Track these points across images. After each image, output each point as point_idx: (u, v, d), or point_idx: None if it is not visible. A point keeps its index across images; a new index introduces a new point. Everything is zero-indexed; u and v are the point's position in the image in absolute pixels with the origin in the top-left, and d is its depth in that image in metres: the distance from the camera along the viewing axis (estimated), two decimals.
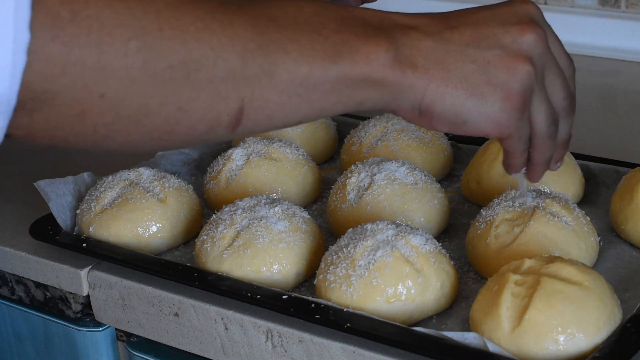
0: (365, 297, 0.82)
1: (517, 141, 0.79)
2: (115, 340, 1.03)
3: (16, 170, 1.23)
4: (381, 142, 1.09)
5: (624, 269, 0.91)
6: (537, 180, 0.85)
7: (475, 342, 0.76)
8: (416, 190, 0.97)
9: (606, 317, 0.77)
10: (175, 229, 0.99)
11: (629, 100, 1.42)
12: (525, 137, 0.80)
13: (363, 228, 0.87)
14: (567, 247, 0.88)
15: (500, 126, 0.77)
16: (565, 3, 1.59)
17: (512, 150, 0.81)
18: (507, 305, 0.77)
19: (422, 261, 0.84)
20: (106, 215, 0.98)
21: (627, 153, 1.14)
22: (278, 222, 0.91)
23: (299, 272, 0.90)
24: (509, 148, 0.80)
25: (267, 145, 1.07)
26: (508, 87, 0.75)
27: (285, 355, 0.86)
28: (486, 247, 0.89)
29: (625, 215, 0.94)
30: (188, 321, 0.91)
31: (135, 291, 0.94)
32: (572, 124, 0.83)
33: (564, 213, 0.90)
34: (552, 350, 0.75)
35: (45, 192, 1.01)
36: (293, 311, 0.84)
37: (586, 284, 0.78)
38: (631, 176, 0.97)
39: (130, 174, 1.02)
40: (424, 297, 0.83)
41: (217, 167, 1.07)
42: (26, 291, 1.04)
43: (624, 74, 1.51)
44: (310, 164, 1.08)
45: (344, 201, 0.98)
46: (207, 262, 0.91)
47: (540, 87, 0.79)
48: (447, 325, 0.84)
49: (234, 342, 0.89)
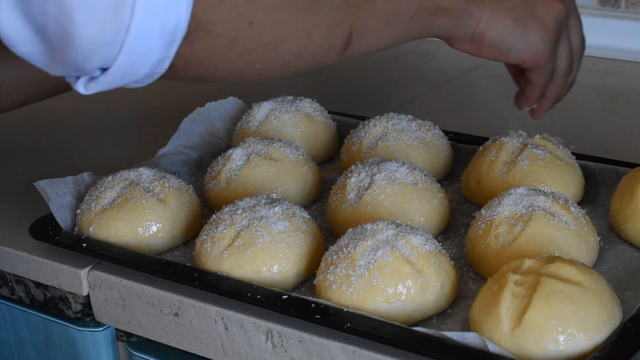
0: (365, 297, 0.82)
1: (544, 73, 0.94)
2: (115, 340, 1.03)
3: (16, 170, 1.23)
4: (381, 142, 1.09)
5: (624, 269, 0.91)
6: (540, 117, 1.00)
7: (475, 342, 0.76)
8: (416, 190, 0.97)
9: (606, 317, 0.77)
10: (175, 229, 0.99)
11: (629, 100, 1.42)
12: (550, 71, 0.94)
13: (363, 228, 0.87)
14: (567, 247, 0.88)
15: (537, 55, 0.91)
16: None
17: (537, 82, 0.95)
18: (507, 305, 0.77)
19: (422, 261, 0.84)
20: (106, 215, 0.98)
21: (627, 153, 1.15)
22: (278, 222, 0.91)
23: (299, 272, 0.90)
24: (535, 79, 0.95)
25: (267, 145, 1.07)
26: (546, 21, 0.90)
27: (285, 355, 0.86)
28: (486, 247, 0.89)
29: (625, 215, 0.95)
30: (188, 321, 0.91)
31: (135, 291, 0.94)
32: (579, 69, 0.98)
33: (564, 213, 0.90)
34: (552, 350, 0.75)
35: (45, 192, 1.01)
36: (293, 311, 0.84)
37: (586, 284, 0.78)
38: (631, 176, 0.97)
39: (130, 174, 1.02)
40: (424, 297, 0.83)
41: (217, 167, 1.07)
42: (26, 291, 1.04)
43: (624, 74, 1.51)
44: (310, 164, 1.08)
45: (344, 201, 0.98)
46: (207, 262, 0.91)
47: (566, 27, 0.93)
48: (447, 325, 0.84)
49: (234, 342, 0.89)
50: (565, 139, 1.07)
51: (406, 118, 1.12)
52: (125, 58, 0.69)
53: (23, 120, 1.38)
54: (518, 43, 0.90)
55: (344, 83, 1.52)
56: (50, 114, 1.40)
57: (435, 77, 1.53)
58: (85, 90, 0.73)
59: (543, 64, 0.93)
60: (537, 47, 0.91)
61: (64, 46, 0.68)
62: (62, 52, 0.69)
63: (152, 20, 0.67)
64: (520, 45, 0.90)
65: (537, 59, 0.92)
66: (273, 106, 1.19)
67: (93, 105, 1.42)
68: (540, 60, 0.92)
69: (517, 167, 1.01)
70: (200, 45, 0.71)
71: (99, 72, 0.71)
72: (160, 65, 0.71)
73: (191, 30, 0.69)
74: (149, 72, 0.71)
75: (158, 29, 0.68)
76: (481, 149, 1.06)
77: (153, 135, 1.30)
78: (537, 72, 0.94)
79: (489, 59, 0.92)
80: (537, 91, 0.97)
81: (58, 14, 0.66)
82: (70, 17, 0.66)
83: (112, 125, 1.39)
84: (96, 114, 1.40)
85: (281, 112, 1.17)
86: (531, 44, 0.91)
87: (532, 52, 0.91)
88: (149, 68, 0.71)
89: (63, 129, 1.38)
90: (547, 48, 0.92)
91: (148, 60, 0.70)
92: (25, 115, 1.37)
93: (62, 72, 0.72)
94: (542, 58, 0.92)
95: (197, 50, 0.71)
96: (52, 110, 1.41)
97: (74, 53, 0.68)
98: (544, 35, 0.91)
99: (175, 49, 0.70)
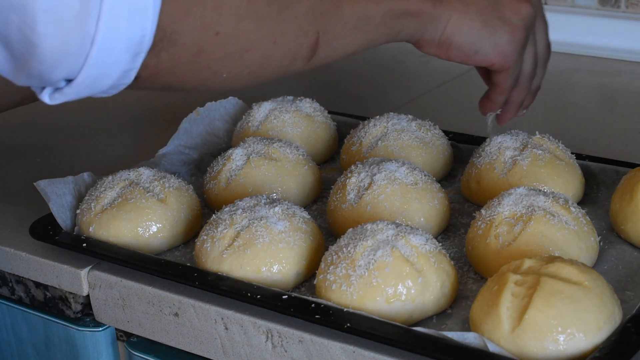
0: (365, 297, 0.82)
1: (511, 75, 0.93)
2: (115, 340, 1.03)
3: (16, 170, 1.23)
4: (381, 142, 1.09)
5: (624, 269, 0.91)
6: (505, 123, 1.01)
7: (475, 342, 0.76)
8: (416, 190, 0.97)
9: (606, 317, 0.77)
10: (175, 229, 0.99)
11: (629, 100, 1.42)
12: (517, 74, 0.94)
13: (363, 228, 0.87)
14: (567, 247, 0.88)
15: (505, 56, 0.91)
16: (565, 3, 1.59)
17: (503, 85, 0.95)
18: (507, 305, 0.77)
19: (422, 261, 0.84)
20: (106, 215, 0.98)
21: (627, 153, 1.15)
22: (278, 222, 0.91)
23: (299, 272, 0.90)
24: (502, 81, 0.94)
25: (267, 145, 1.07)
26: (514, 23, 0.90)
27: (285, 355, 0.86)
28: (486, 247, 0.89)
29: (625, 215, 0.94)
30: (188, 321, 0.91)
31: (135, 291, 0.94)
32: (544, 75, 0.98)
33: (564, 213, 0.90)
34: (552, 350, 0.75)
35: (45, 192, 1.01)
36: (293, 311, 0.84)
37: (586, 284, 0.78)
38: (631, 176, 0.97)
39: (130, 174, 1.02)
40: (424, 297, 0.83)
41: (217, 167, 1.07)
42: (26, 291, 1.04)
43: (624, 74, 1.51)
44: (310, 164, 1.08)
45: (344, 201, 0.98)
46: (207, 262, 0.91)
47: (533, 30, 0.93)
48: (447, 325, 0.84)
49: (234, 342, 0.89)
50: (565, 139, 1.07)
51: (406, 118, 1.12)
52: (90, 69, 0.68)
53: (23, 120, 1.38)
54: (485, 45, 0.90)
55: (344, 83, 1.52)
56: (50, 114, 1.40)
57: (435, 77, 1.53)
58: (50, 101, 0.72)
59: (511, 66, 0.92)
60: (505, 49, 0.91)
61: (27, 56, 0.67)
62: (26, 62, 0.68)
63: (117, 31, 0.66)
64: (487, 48, 0.90)
65: (505, 61, 0.92)
66: (273, 106, 1.19)
67: (93, 105, 1.42)
68: (508, 62, 0.92)
69: (517, 167, 1.01)
70: (167, 55, 0.71)
71: (64, 83, 0.70)
72: (126, 76, 0.70)
73: (157, 41, 0.69)
74: (115, 83, 0.71)
75: (123, 40, 0.67)
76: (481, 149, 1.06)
77: (153, 135, 1.30)
78: (504, 74, 0.94)
79: (457, 62, 0.92)
80: (503, 95, 0.97)
81: (21, 24, 0.65)
82: (33, 27, 0.65)
83: (112, 125, 1.39)
84: (96, 114, 1.40)
85: (281, 112, 1.17)
86: (498, 45, 0.90)
87: (499, 53, 0.91)
88: (114, 79, 0.70)
89: (63, 129, 1.38)
90: (516, 49, 0.91)
91: (113, 72, 0.69)
92: (25, 115, 1.37)
93: (26, 82, 0.71)
94: (510, 59, 0.92)
95: (163, 61, 0.71)
96: (52, 110, 1.41)
97: (37, 63, 0.67)
98: (512, 37, 0.90)
99: (141, 60, 0.69)
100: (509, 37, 0.90)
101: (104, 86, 0.71)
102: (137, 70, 0.70)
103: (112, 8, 0.65)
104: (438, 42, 0.88)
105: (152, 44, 0.69)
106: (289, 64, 0.78)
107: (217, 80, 0.75)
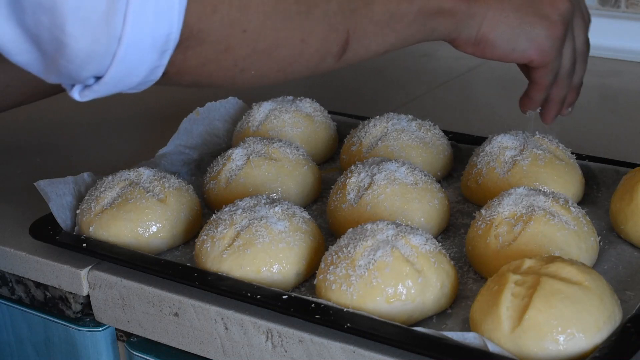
0: (365, 297, 0.82)
1: (550, 72, 0.92)
2: (115, 340, 1.03)
3: (16, 170, 1.23)
4: (381, 142, 1.09)
5: (624, 269, 0.91)
6: (550, 121, 0.98)
7: (475, 342, 0.76)
8: (416, 190, 0.97)
9: (606, 317, 0.77)
10: (175, 229, 0.99)
11: (629, 100, 1.42)
12: (556, 70, 0.92)
13: (363, 228, 0.87)
14: (567, 247, 0.88)
15: (544, 52, 0.89)
16: None
17: (542, 82, 0.93)
18: (507, 305, 0.77)
19: (422, 261, 0.84)
20: (106, 215, 0.98)
21: (627, 153, 1.15)
22: (278, 222, 0.91)
23: (299, 272, 0.90)
24: (541, 79, 0.93)
25: (267, 145, 1.07)
26: (552, 19, 0.89)
27: (285, 355, 0.86)
28: (486, 247, 0.89)
29: (625, 215, 0.94)
30: (188, 321, 0.91)
31: (135, 291, 0.94)
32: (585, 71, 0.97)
33: (564, 213, 0.90)
34: (552, 350, 0.75)
35: (45, 192, 1.01)
36: (293, 311, 0.84)
37: (586, 284, 0.78)
38: (631, 176, 0.97)
39: (130, 174, 1.02)
40: (424, 297, 0.83)
41: (217, 167, 1.07)
42: (26, 291, 1.04)
43: (624, 74, 1.50)
44: (310, 164, 1.08)
45: (344, 201, 0.98)
46: (207, 262, 0.91)
47: (572, 25, 0.91)
48: (447, 325, 0.84)
49: (234, 342, 0.89)
50: (565, 139, 1.07)
51: (406, 118, 1.12)
52: (118, 67, 0.69)
53: (23, 120, 1.38)
54: (522, 42, 0.89)
55: (344, 83, 1.52)
56: (50, 114, 1.40)
57: (435, 77, 1.53)
58: (80, 98, 0.73)
59: (550, 62, 0.91)
60: (544, 44, 0.90)
61: (57, 56, 0.68)
62: (56, 61, 0.69)
63: (144, 30, 0.67)
64: (524, 45, 0.89)
65: (544, 57, 0.90)
66: (273, 106, 1.19)
67: (93, 105, 1.41)
68: (547, 58, 0.91)
69: (517, 167, 1.01)
70: (194, 53, 0.71)
71: (93, 81, 0.71)
72: (153, 73, 0.71)
73: (184, 39, 0.69)
74: (143, 80, 0.72)
75: (150, 38, 0.68)
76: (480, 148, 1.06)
77: (153, 135, 1.30)
78: (543, 71, 0.92)
79: (494, 59, 0.91)
80: (542, 92, 0.95)
81: (51, 24, 0.66)
82: (62, 28, 0.66)
83: (112, 125, 1.39)
84: (96, 114, 1.40)
85: (281, 112, 1.17)
86: (536, 40, 0.89)
87: (537, 50, 0.90)
88: (142, 76, 0.71)
89: (63, 129, 1.38)
90: (554, 45, 0.90)
91: (141, 69, 0.70)
92: (25, 115, 1.37)
93: (57, 80, 0.72)
94: (548, 56, 0.91)
95: (190, 59, 0.71)
96: (52, 110, 1.41)
97: (67, 62, 0.69)
98: (550, 32, 0.89)
99: (168, 58, 0.70)
100: (547, 33, 0.89)
101: (132, 83, 0.72)
102: (164, 67, 0.71)
103: (138, 8, 0.66)
104: (474, 41, 0.87)
105: (178, 42, 0.69)
106: (318, 62, 0.78)
107: (246, 77, 0.75)
